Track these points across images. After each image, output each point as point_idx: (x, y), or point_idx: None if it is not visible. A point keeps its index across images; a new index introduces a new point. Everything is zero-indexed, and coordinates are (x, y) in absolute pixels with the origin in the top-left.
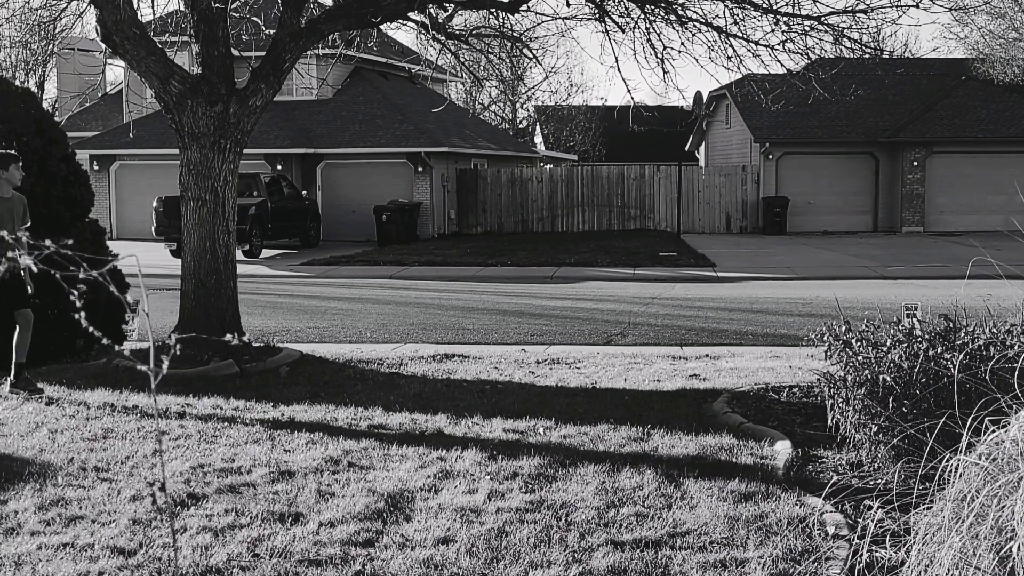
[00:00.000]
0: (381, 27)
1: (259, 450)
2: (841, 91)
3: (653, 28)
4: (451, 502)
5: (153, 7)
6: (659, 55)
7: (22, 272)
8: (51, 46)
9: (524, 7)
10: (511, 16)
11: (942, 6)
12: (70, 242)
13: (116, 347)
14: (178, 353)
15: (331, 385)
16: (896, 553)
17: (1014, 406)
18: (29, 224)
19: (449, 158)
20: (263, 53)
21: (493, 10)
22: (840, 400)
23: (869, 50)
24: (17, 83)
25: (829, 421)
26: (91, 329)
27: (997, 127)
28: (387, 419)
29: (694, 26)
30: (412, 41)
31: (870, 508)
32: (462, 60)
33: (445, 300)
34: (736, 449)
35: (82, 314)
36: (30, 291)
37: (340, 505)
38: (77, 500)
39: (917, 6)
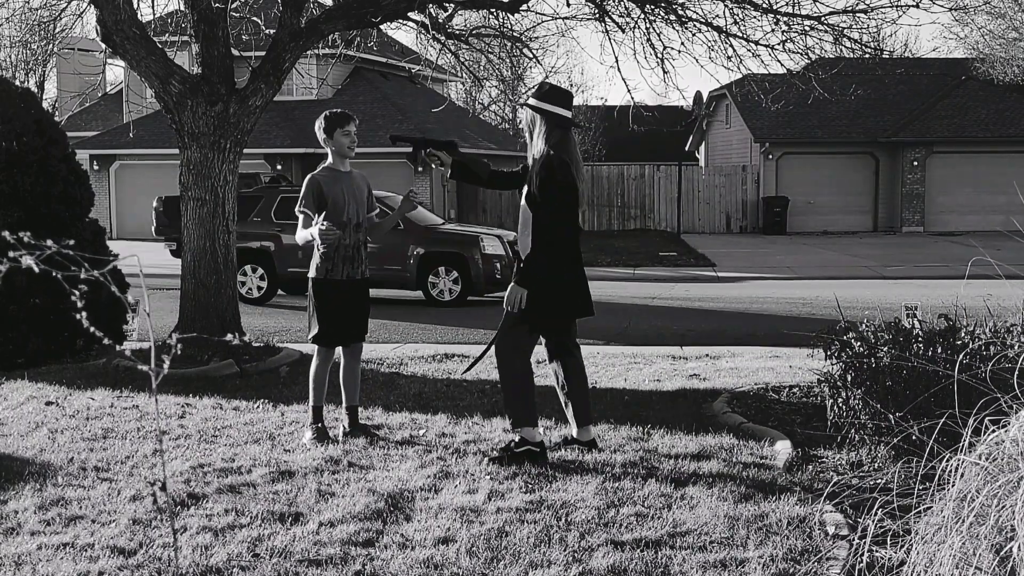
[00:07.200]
0: (381, 27)
1: (259, 450)
2: (841, 91)
3: (653, 28)
4: (451, 502)
5: (153, 7)
6: (659, 55)
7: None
8: (51, 46)
9: (524, 7)
10: (511, 16)
11: (942, 6)
12: (71, 243)
13: (116, 347)
14: (178, 353)
15: (331, 385)
16: (896, 553)
17: (1014, 406)
18: (377, 211)
19: None
20: (263, 53)
21: (493, 10)
22: (840, 400)
23: (869, 50)
24: (17, 83)
25: (829, 421)
26: (92, 329)
27: (997, 127)
28: (387, 419)
29: (694, 26)
30: (412, 41)
31: (870, 508)
32: (462, 60)
33: None
34: (736, 449)
35: (83, 314)
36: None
37: (340, 505)
38: (77, 500)
39: (917, 6)
